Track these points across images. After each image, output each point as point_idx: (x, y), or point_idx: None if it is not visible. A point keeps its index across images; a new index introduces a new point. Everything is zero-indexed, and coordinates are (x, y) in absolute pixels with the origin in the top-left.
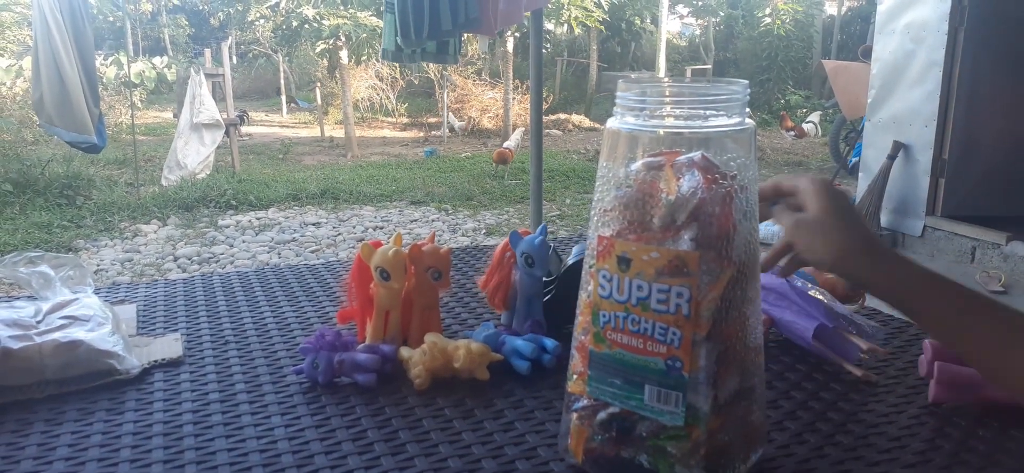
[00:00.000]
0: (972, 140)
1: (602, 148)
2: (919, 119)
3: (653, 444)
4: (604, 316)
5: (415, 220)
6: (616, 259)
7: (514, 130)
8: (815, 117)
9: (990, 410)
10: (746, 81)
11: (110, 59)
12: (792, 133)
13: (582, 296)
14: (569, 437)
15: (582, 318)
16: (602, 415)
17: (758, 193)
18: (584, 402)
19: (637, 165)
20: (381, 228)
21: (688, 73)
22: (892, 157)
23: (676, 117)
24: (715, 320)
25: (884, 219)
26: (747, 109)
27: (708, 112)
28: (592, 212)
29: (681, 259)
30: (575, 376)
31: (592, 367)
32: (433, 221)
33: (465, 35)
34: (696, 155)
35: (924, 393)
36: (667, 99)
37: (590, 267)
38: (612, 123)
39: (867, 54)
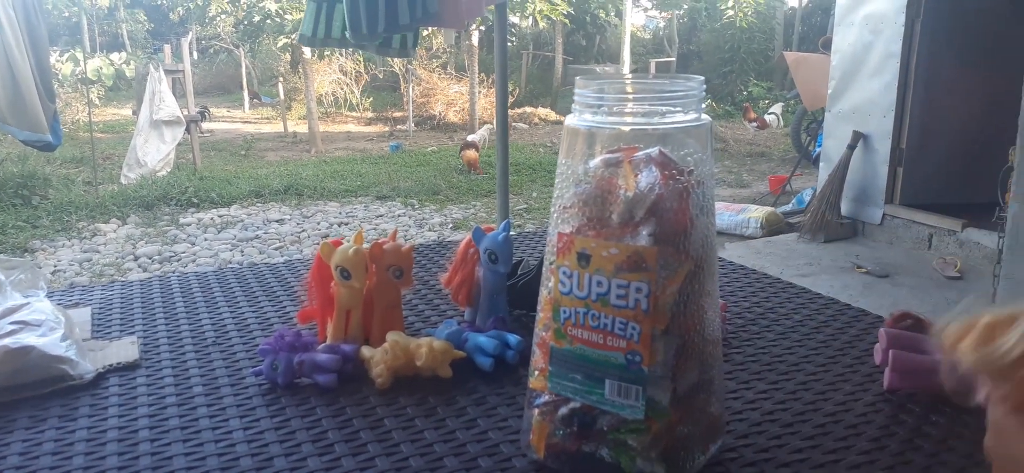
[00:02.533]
0: (929, 130)
1: (561, 145)
2: (878, 109)
3: (614, 437)
4: (565, 312)
5: (381, 215)
6: (576, 255)
7: (481, 125)
8: (777, 108)
9: (943, 397)
10: (702, 77)
11: (66, 55)
12: (754, 124)
13: (543, 292)
14: (531, 433)
15: (543, 314)
16: (563, 410)
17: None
18: (545, 398)
19: (596, 162)
20: (346, 224)
21: (652, 66)
22: (852, 147)
23: (634, 114)
24: (673, 314)
25: (844, 208)
26: (704, 104)
27: (665, 108)
28: (552, 209)
29: (639, 254)
30: (536, 372)
31: (553, 363)
32: (399, 216)
33: (426, 29)
34: (653, 151)
35: (879, 381)
36: (624, 96)
37: (550, 263)
38: (570, 120)
39: (827, 46)
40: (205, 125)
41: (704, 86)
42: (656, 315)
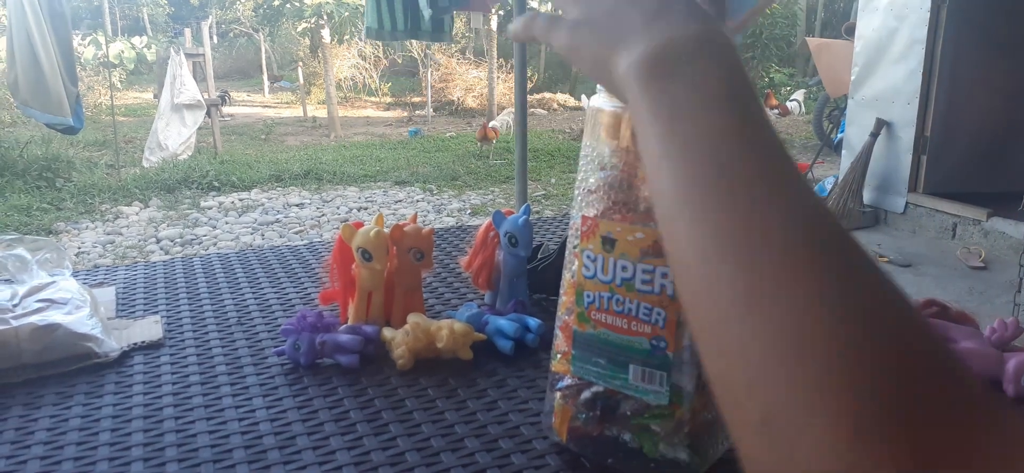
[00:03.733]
0: (954, 117)
1: (585, 127)
2: (901, 97)
3: (637, 422)
4: (589, 296)
5: (400, 201)
6: (601, 239)
7: (499, 110)
8: (799, 95)
9: None
10: None
11: (88, 39)
12: (776, 111)
13: (566, 276)
14: (553, 416)
15: (566, 298)
16: (586, 394)
17: None
18: (568, 381)
19: (623, 144)
20: (365, 209)
21: None
22: (875, 135)
23: None
24: None
25: (867, 196)
26: None
27: None
28: (576, 191)
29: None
30: (559, 355)
31: (576, 347)
32: (418, 201)
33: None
34: None
35: None
36: None
37: (574, 247)
38: (594, 101)
39: (851, 31)
40: (225, 109)
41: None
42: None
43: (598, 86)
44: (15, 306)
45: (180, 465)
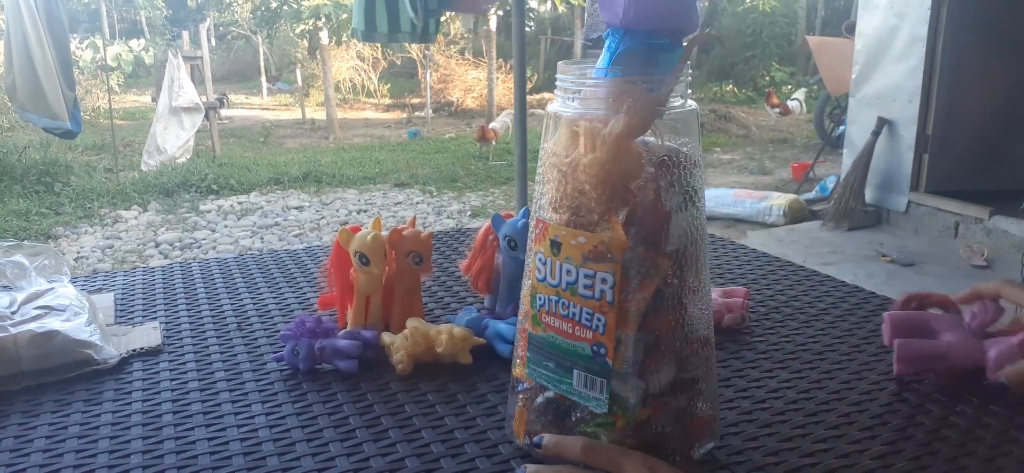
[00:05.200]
0: (955, 115)
1: (543, 131)
2: (903, 95)
3: (582, 431)
4: (540, 299)
5: (399, 203)
6: (549, 242)
7: (499, 111)
8: (800, 94)
9: (956, 381)
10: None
11: (86, 42)
12: (777, 110)
13: (526, 283)
14: (514, 419)
15: (524, 302)
16: (540, 399)
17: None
18: (526, 385)
19: (576, 150)
20: (365, 211)
21: None
22: (876, 133)
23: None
24: (645, 313)
25: (869, 195)
26: (689, 90)
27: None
28: (535, 194)
29: (606, 244)
30: (518, 360)
31: (530, 349)
32: (417, 204)
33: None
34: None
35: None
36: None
37: (530, 250)
38: (553, 106)
39: (851, 30)
40: (224, 112)
41: (691, 70)
42: (623, 316)
43: (557, 91)
44: (13, 313)
45: (179, 472)
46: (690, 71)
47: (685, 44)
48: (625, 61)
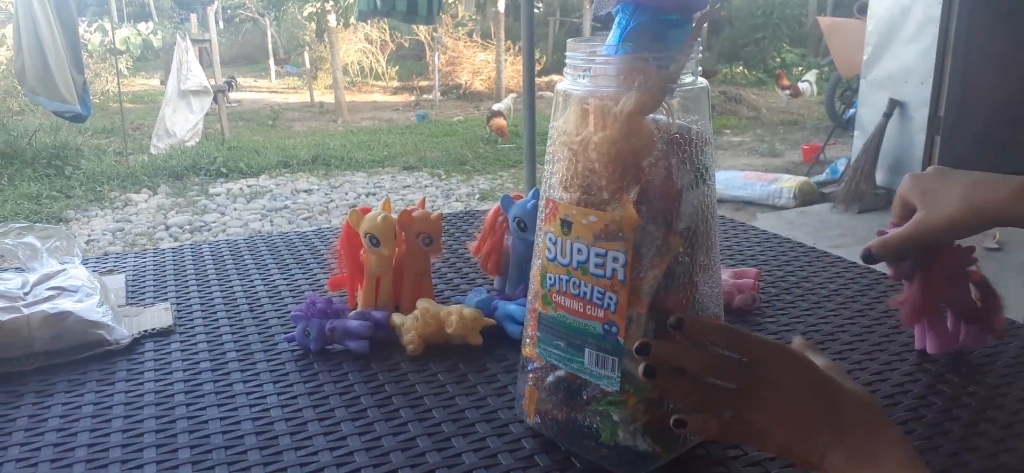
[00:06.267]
0: (968, 97)
1: (553, 109)
2: (915, 76)
3: (594, 409)
4: (550, 278)
5: (408, 186)
6: (560, 222)
7: (507, 94)
8: (811, 76)
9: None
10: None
11: (94, 26)
12: (788, 92)
13: (535, 263)
14: (524, 399)
15: (534, 283)
16: (550, 378)
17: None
18: (536, 365)
19: (588, 128)
20: (373, 194)
21: None
22: (888, 115)
23: None
24: (656, 291)
25: (880, 177)
26: (700, 68)
27: None
28: (544, 173)
29: (617, 223)
30: (528, 340)
31: (541, 329)
32: (426, 186)
33: None
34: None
35: (917, 351)
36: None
37: (540, 230)
38: (562, 85)
39: (863, 10)
40: (232, 95)
41: (701, 49)
42: (635, 294)
43: (566, 69)
44: (26, 294)
45: (192, 451)
46: (700, 48)
47: (695, 20)
48: (635, 38)
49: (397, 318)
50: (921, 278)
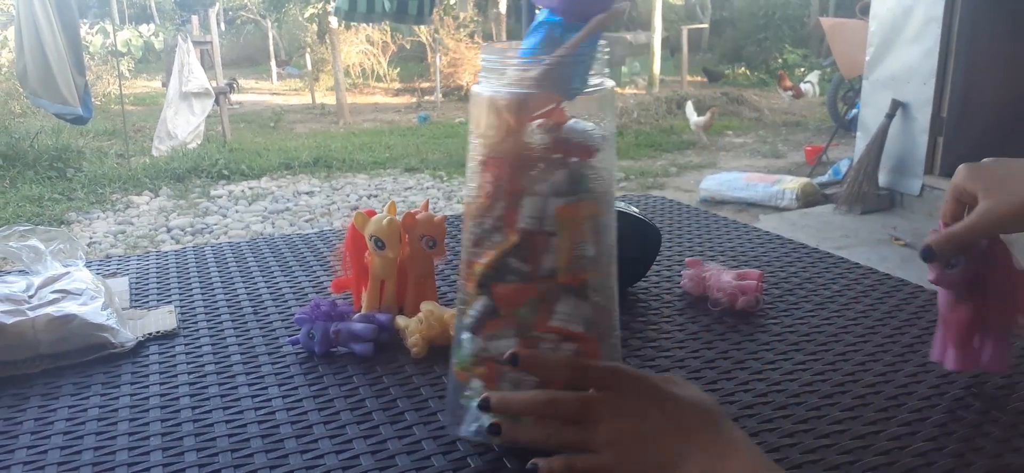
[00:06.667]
0: (971, 98)
1: (470, 115)
2: (917, 77)
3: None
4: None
5: (409, 187)
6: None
7: None
8: (813, 77)
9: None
10: (603, 40)
11: (95, 28)
12: (790, 93)
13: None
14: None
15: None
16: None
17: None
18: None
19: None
20: (375, 196)
21: (684, 33)
22: (890, 116)
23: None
24: (486, 280)
25: (882, 178)
26: (607, 69)
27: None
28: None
29: (465, 208)
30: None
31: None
32: (428, 188)
33: None
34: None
35: (920, 351)
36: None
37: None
38: (477, 89)
39: (865, 11)
40: (234, 97)
41: (607, 49)
42: (468, 273)
43: (481, 73)
44: (31, 297)
45: (198, 454)
46: (607, 50)
47: (595, 22)
48: (547, 43)
49: (401, 321)
50: (988, 285)
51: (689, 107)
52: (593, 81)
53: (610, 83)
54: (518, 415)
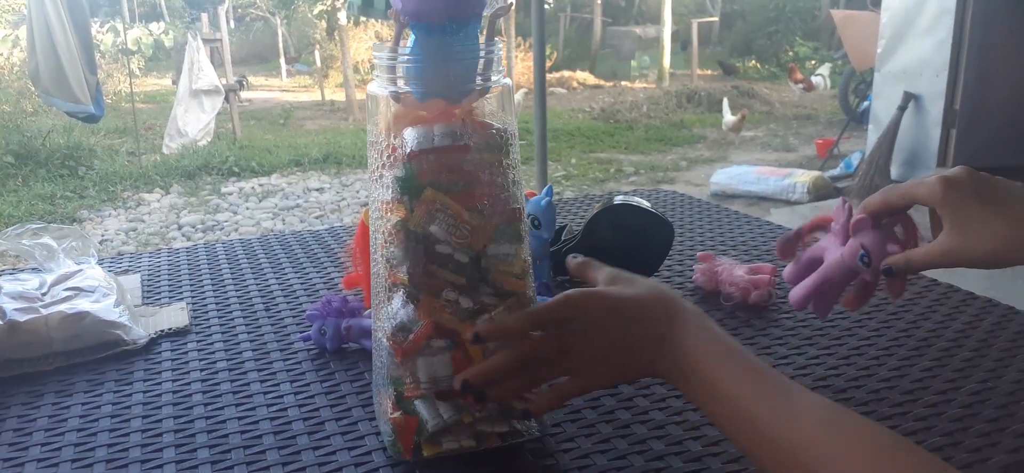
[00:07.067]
0: (984, 90)
1: (368, 114)
2: (930, 69)
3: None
4: None
5: None
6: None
7: (517, 90)
8: (825, 70)
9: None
10: (499, 39)
11: (106, 26)
12: (801, 86)
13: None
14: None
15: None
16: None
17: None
18: None
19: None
20: None
21: (694, 27)
22: (902, 108)
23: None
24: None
25: (894, 172)
26: (502, 68)
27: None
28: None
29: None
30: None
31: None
32: None
33: None
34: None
35: (935, 345)
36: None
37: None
38: (372, 87)
39: (876, 3)
40: (243, 94)
41: (501, 48)
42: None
43: (374, 69)
44: (44, 295)
45: (211, 451)
46: (500, 47)
47: (485, 20)
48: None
49: None
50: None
51: (725, 104)
52: (486, 81)
53: (507, 81)
54: (495, 379)
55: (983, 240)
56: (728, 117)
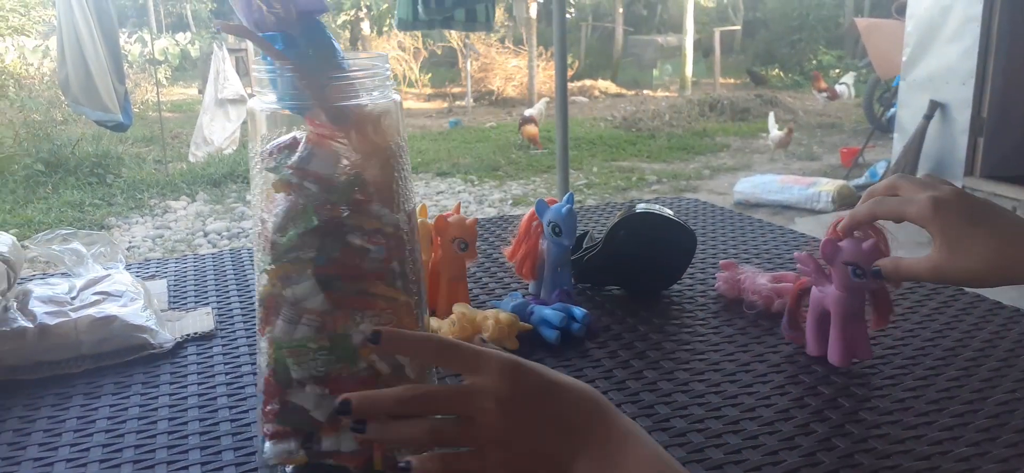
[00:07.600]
0: (1012, 97)
1: (250, 130)
2: (956, 77)
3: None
4: None
5: (441, 192)
6: None
7: (539, 99)
8: (849, 78)
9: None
10: (385, 54)
11: (134, 37)
12: (825, 95)
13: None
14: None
15: None
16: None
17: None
18: None
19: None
20: None
21: (716, 35)
22: (928, 117)
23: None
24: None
25: None
26: (392, 81)
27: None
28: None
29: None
30: None
31: None
32: (459, 192)
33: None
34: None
35: (951, 349)
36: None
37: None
38: (252, 103)
39: (901, 11)
40: None
41: (388, 63)
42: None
43: (256, 87)
44: (73, 299)
45: (235, 454)
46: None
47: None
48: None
49: (433, 323)
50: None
51: (771, 119)
52: (375, 94)
53: (395, 97)
54: (383, 414)
55: (970, 259)
56: (774, 132)
